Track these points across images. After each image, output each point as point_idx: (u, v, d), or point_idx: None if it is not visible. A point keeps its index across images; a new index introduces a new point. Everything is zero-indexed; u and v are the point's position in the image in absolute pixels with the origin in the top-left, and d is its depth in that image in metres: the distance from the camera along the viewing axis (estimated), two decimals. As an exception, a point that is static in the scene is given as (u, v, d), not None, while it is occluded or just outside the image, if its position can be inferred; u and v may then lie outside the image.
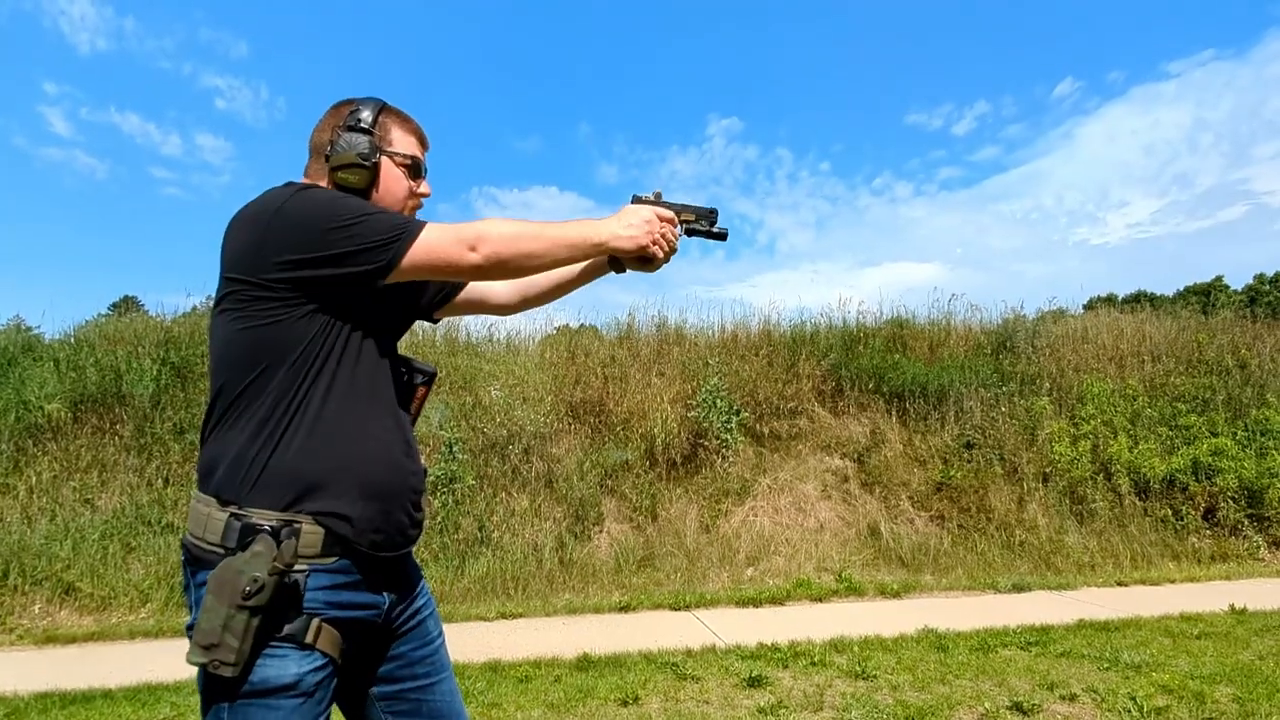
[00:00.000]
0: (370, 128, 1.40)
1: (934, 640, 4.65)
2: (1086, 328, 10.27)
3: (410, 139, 1.48)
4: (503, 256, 1.32)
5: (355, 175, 1.39)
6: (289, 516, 1.21)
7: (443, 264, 1.30)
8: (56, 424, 6.95)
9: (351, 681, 1.38)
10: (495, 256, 1.31)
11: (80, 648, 4.92)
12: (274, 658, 1.17)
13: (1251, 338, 10.24)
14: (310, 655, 1.20)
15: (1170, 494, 7.76)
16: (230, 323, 1.28)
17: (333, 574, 1.25)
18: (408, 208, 1.49)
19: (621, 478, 7.40)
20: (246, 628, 1.12)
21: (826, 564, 6.78)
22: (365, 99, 1.44)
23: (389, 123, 1.45)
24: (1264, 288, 31.28)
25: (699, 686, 3.90)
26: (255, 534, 1.19)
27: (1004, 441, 8.08)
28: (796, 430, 8.29)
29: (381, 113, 1.44)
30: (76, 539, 5.99)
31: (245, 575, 1.13)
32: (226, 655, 1.12)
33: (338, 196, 1.31)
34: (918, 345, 9.57)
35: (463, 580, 6.16)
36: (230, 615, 1.12)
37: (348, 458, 1.28)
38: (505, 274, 1.37)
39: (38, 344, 8.25)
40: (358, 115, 1.41)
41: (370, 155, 1.39)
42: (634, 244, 1.44)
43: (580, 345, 9.13)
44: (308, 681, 1.19)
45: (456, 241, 1.29)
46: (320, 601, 1.23)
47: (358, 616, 1.29)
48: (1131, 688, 3.77)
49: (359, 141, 1.39)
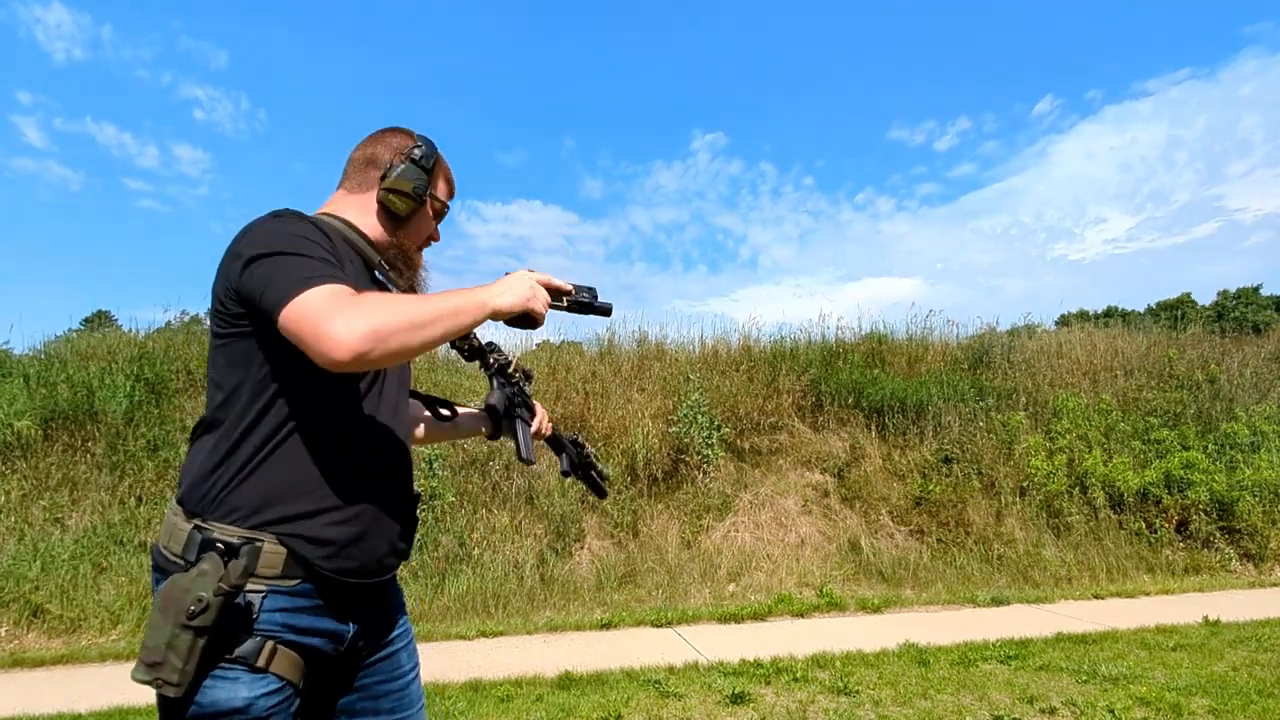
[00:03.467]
0: (429, 167, 1.48)
1: (915, 655, 4.67)
2: (1061, 343, 10.45)
3: (447, 188, 1.56)
4: (381, 334, 1.09)
5: (403, 204, 1.45)
6: (251, 534, 1.18)
7: (302, 338, 1.11)
8: (26, 441, 6.80)
9: (315, 709, 1.34)
10: (374, 335, 1.09)
11: (49, 671, 4.80)
12: (224, 680, 1.14)
13: (1220, 353, 10.48)
14: (263, 679, 1.16)
15: (1144, 507, 7.87)
16: (212, 338, 1.28)
17: (292, 596, 1.21)
18: (420, 247, 1.56)
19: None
20: (191, 648, 1.09)
21: (808, 579, 6.79)
22: (423, 137, 1.51)
23: (439, 170, 1.52)
24: (1230, 303, 31.98)
25: (682, 704, 3.88)
26: (206, 550, 1.16)
27: (981, 456, 8.16)
28: (777, 445, 8.32)
29: (436, 159, 1.51)
30: (46, 559, 5.86)
31: (191, 594, 1.09)
32: (170, 675, 1.09)
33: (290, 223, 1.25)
34: (896, 360, 9.67)
35: (443, 598, 6.09)
36: (175, 634, 1.09)
37: (320, 476, 1.24)
38: (386, 358, 1.12)
39: (7, 359, 8.10)
40: (421, 151, 1.47)
41: (423, 192, 1.46)
42: (520, 305, 1.37)
43: (561, 361, 9.12)
44: (259, 705, 1.15)
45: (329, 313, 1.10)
46: (276, 624, 1.19)
47: (315, 645, 1.24)
48: (1110, 700, 3.81)
49: (417, 175, 1.46)
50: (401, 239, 1.49)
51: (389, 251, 1.48)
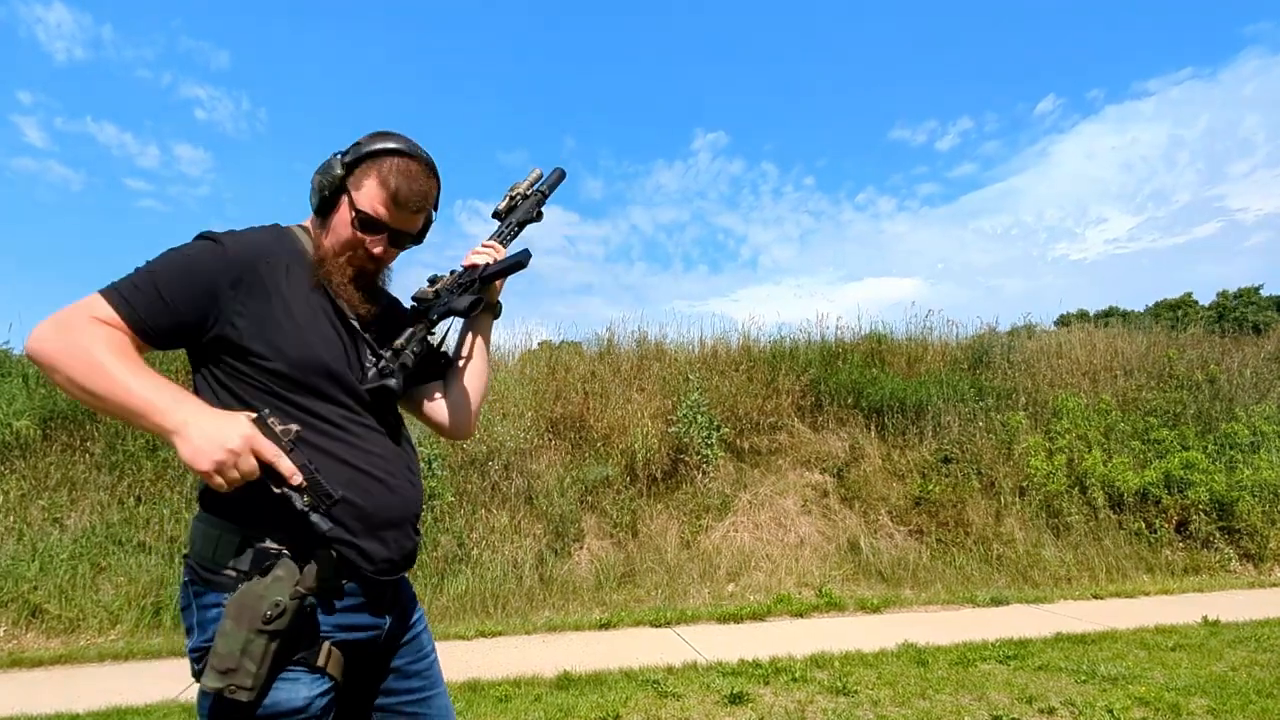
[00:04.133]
0: (346, 166, 1.38)
1: (914, 655, 4.67)
2: (1060, 343, 10.44)
3: (382, 193, 1.37)
4: (52, 361, 1.13)
5: (314, 200, 1.41)
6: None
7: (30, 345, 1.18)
8: (25, 441, 6.80)
9: (351, 702, 1.40)
10: (47, 356, 1.14)
11: (47, 671, 4.79)
12: (286, 681, 1.18)
13: (1220, 353, 10.47)
14: (320, 679, 1.22)
15: (1143, 507, 7.87)
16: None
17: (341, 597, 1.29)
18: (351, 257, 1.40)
19: (602, 494, 7.37)
20: (265, 652, 1.13)
21: (807, 579, 6.79)
22: (378, 136, 1.40)
23: (369, 172, 1.38)
24: (1230, 304, 31.97)
25: (680, 704, 3.88)
26: (275, 558, 1.20)
27: (981, 456, 8.16)
28: (776, 445, 8.32)
29: (371, 158, 1.38)
30: (44, 559, 5.86)
31: (267, 600, 1.13)
32: (244, 680, 1.11)
33: (185, 247, 1.28)
34: (895, 360, 9.67)
35: (442, 598, 6.09)
36: (249, 640, 1.12)
37: (359, 486, 1.30)
38: (53, 380, 1.16)
39: (6, 359, 8.09)
40: (351, 151, 1.39)
41: (328, 190, 1.38)
42: (194, 459, 1.11)
43: (560, 361, 9.11)
44: (316, 705, 1.21)
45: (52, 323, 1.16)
46: (330, 625, 1.25)
47: (362, 639, 1.32)
48: (1109, 700, 3.81)
49: (327, 173, 1.38)
50: (322, 242, 1.40)
51: (323, 264, 1.39)
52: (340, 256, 1.39)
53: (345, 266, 1.39)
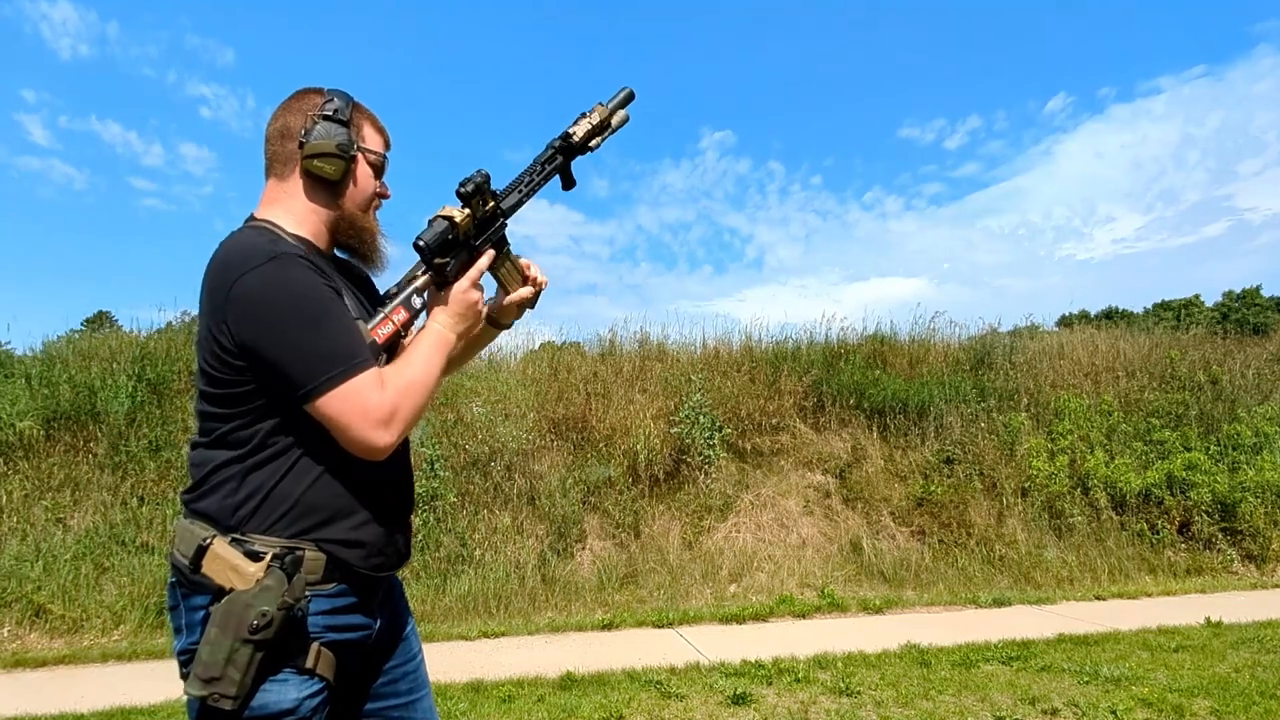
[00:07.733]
0: (347, 121, 1.34)
1: (917, 656, 4.67)
2: (1063, 344, 10.43)
3: (379, 137, 1.41)
4: (409, 425, 1.27)
5: (332, 166, 1.32)
6: (291, 543, 1.21)
7: (339, 427, 1.21)
8: (28, 442, 6.81)
9: (340, 704, 1.38)
10: (404, 431, 1.26)
11: (50, 671, 4.80)
12: (275, 683, 1.16)
13: (1222, 354, 10.45)
14: (310, 680, 1.20)
15: (1146, 508, 7.86)
16: (206, 375, 1.27)
17: (332, 598, 1.26)
18: (372, 207, 1.43)
19: (604, 494, 7.38)
20: (250, 661, 1.11)
21: (809, 580, 6.79)
22: (333, 90, 1.36)
23: (361, 119, 1.39)
24: (1234, 305, 31.92)
25: (683, 705, 3.88)
26: (263, 560, 1.18)
27: (983, 457, 8.16)
28: (778, 446, 8.31)
29: (353, 107, 1.37)
30: (48, 559, 5.86)
31: (254, 609, 1.11)
32: (227, 689, 1.10)
33: (292, 272, 1.21)
34: (898, 361, 9.66)
35: (444, 599, 6.10)
36: (235, 649, 1.10)
37: (352, 484, 1.28)
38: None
39: (8, 359, 8.11)
40: (334, 106, 1.33)
41: (349, 148, 1.33)
42: (469, 323, 1.43)
43: (563, 361, 9.12)
44: (306, 707, 1.19)
45: (370, 412, 1.21)
46: (320, 626, 1.23)
47: (352, 640, 1.30)
48: (1111, 701, 3.81)
49: (337, 132, 1.32)
50: (345, 207, 1.37)
51: (343, 233, 1.39)
52: (367, 211, 1.41)
53: (371, 218, 1.42)
